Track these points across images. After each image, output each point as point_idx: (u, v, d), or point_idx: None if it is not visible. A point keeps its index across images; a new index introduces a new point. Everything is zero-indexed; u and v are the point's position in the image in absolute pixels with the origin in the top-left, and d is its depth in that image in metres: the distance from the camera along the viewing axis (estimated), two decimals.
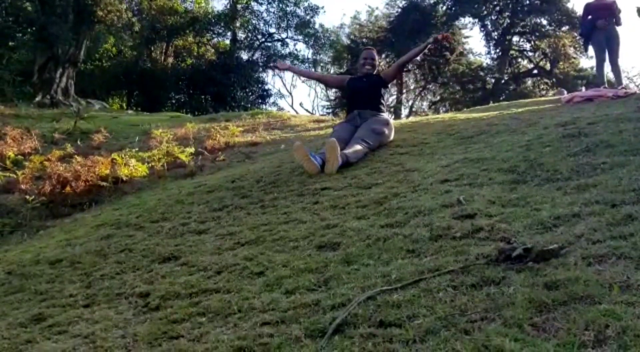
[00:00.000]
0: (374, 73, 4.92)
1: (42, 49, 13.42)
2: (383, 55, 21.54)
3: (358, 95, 4.77)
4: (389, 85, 5.23)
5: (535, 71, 23.37)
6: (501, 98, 18.46)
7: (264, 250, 2.51)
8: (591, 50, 7.55)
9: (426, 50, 4.96)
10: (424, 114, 22.49)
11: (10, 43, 14.73)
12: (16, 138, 7.69)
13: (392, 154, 3.97)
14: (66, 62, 13.86)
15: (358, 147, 4.09)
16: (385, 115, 4.73)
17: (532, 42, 22.77)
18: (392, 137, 4.55)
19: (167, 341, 1.79)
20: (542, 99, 8.79)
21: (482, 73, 23.24)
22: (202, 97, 19.95)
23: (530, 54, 23.42)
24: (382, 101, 4.81)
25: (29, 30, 14.19)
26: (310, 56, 25.20)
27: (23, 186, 5.35)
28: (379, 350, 1.41)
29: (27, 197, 4.95)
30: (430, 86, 25.02)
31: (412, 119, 6.71)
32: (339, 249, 2.25)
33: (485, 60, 23.61)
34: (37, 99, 13.13)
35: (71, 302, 2.43)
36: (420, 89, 25.48)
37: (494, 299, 1.52)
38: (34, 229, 4.39)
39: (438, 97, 25.22)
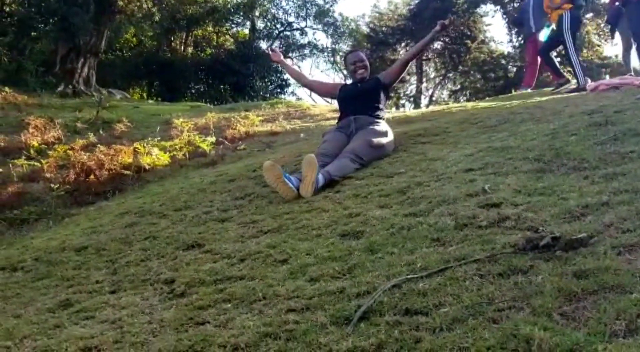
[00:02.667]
0: (369, 77, 4.31)
1: (63, 40, 13.56)
2: (403, 44, 21.41)
3: (352, 100, 4.15)
4: (391, 88, 4.42)
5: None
6: None
7: (287, 238, 2.52)
8: (617, 38, 7.42)
9: (434, 41, 4.49)
10: (444, 103, 22.29)
11: (32, 33, 14.91)
12: (39, 127, 7.80)
13: (414, 143, 3.94)
14: (87, 52, 13.99)
15: (347, 163, 3.49)
16: (385, 124, 4.01)
17: None
18: (392, 148, 3.87)
19: (194, 326, 1.81)
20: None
21: (503, 61, 22.93)
22: (222, 87, 20.01)
23: None
24: (382, 107, 4.16)
25: (50, 20, 14.33)
26: (329, 45, 25.13)
27: (47, 175, 5.44)
28: (406, 337, 1.40)
29: (52, 185, 5.03)
30: (451, 75, 24.78)
31: (432, 108, 6.64)
32: (362, 237, 2.25)
33: (507, 49, 23.28)
34: (60, 89, 13.29)
35: (97, 288, 2.47)
36: (441, 77, 25.26)
37: (522, 288, 1.51)
38: (59, 216, 4.46)
39: (458, 86, 24.96)
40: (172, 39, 21.00)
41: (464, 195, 2.38)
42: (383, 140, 3.79)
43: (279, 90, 21.57)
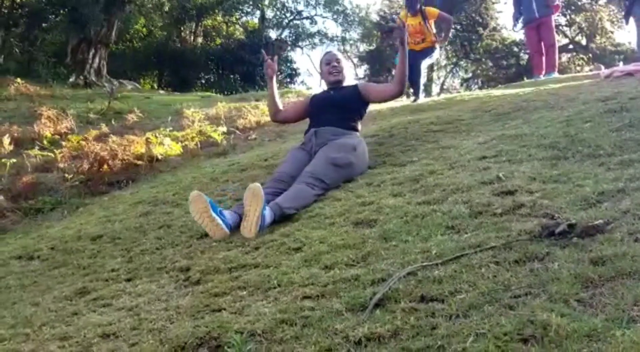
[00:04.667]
0: (346, 83, 3.66)
1: (74, 30, 13.59)
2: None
3: (321, 110, 3.49)
4: (367, 105, 3.63)
5: (570, 46, 22.72)
6: None
7: (300, 227, 2.53)
8: (632, 24, 7.30)
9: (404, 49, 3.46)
10: (455, 91, 22.15)
11: (43, 25, 14.98)
12: (52, 118, 7.84)
13: (426, 132, 3.92)
14: (98, 43, 14.02)
15: (303, 190, 2.89)
16: (356, 136, 3.37)
17: (568, 16, 22.08)
18: (365, 166, 3.25)
19: (210, 313, 1.82)
20: (580, 74, 8.55)
21: (515, 49, 22.68)
22: (231, 76, 19.99)
23: (565, 28, 22.72)
24: (355, 118, 3.48)
25: (61, 11, 14.37)
26: (339, 34, 25.01)
27: (61, 165, 5.48)
28: (422, 324, 1.41)
29: (66, 175, 5.08)
30: (462, 63, 24.59)
31: (444, 96, 6.60)
32: (375, 225, 2.26)
33: (519, 36, 23.04)
34: (71, 79, 13.35)
35: (113, 276, 2.50)
36: (452, 65, 25.06)
37: (538, 275, 1.51)
38: (73, 206, 4.50)
39: (470, 74, 24.78)
40: (182, 29, 20.99)
41: (478, 183, 2.38)
42: (350, 156, 3.13)
43: (288, 79, 21.53)
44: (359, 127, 3.53)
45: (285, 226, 2.62)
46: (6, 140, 6.44)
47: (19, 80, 10.88)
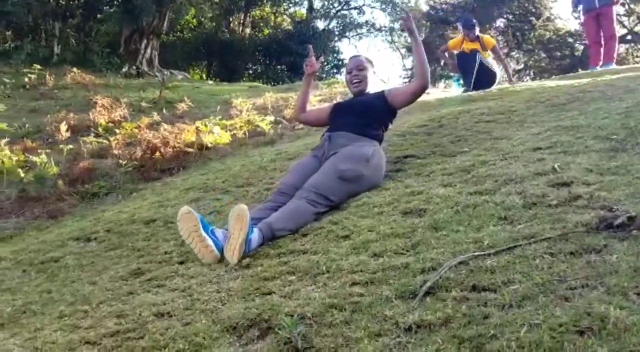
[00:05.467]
0: (372, 91, 3.31)
1: (127, 21, 13.95)
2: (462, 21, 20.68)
3: (341, 116, 3.18)
4: (393, 113, 3.25)
5: (629, 37, 21.77)
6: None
7: (348, 215, 2.54)
8: None
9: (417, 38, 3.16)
10: (506, 82, 21.58)
11: (98, 16, 15.43)
12: (106, 107, 8.10)
13: (477, 122, 3.84)
14: (150, 33, 14.35)
15: (302, 207, 2.57)
16: (372, 145, 2.98)
17: (626, 6, 21.15)
18: (379, 178, 2.89)
19: (260, 296, 1.86)
20: (639, 65, 8.20)
21: (570, 39, 21.91)
22: (278, 67, 20.12)
23: (623, 18, 21.79)
24: (376, 126, 3.11)
25: (115, 3, 14.76)
26: (387, 24, 24.76)
27: (115, 152, 5.66)
28: (473, 313, 1.40)
29: (120, 161, 5.25)
30: (514, 54, 23.94)
31: (496, 86, 6.46)
32: (425, 215, 2.24)
33: (574, 26, 22.24)
34: (124, 69, 13.72)
35: (167, 258, 2.57)
36: (503, 56, 24.43)
37: (595, 267, 1.47)
38: (127, 191, 4.65)
39: (522, 65, 24.11)
40: (231, 20, 21.24)
41: (532, 174, 2.32)
42: (361, 168, 2.78)
43: (335, 70, 21.48)
44: (381, 135, 3.15)
45: (332, 214, 2.63)
46: (63, 127, 6.71)
47: (75, 69, 11.27)
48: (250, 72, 20.82)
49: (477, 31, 6.99)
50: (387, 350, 1.34)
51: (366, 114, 3.11)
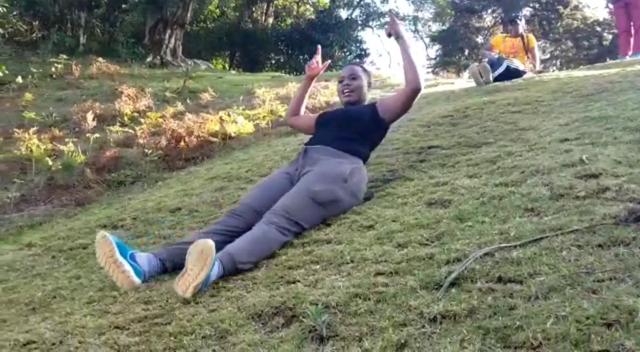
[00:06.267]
0: (364, 103, 3.03)
1: (152, 12, 14.03)
2: (489, 11, 20.37)
3: (326, 126, 2.91)
4: (383, 129, 2.94)
5: None
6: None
7: (371, 205, 2.54)
8: None
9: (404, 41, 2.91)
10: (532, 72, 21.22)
11: (123, 6, 15.55)
12: (131, 96, 8.19)
13: (502, 113, 3.80)
14: (174, 24, 14.42)
15: (270, 233, 2.25)
16: (353, 162, 2.64)
17: None
18: (357, 200, 2.57)
19: (285, 284, 1.88)
20: None
21: (598, 28, 21.44)
22: (301, 57, 20.07)
23: None
24: (362, 141, 2.79)
25: None
26: (411, 13, 24.51)
27: (141, 141, 5.74)
28: (499, 304, 1.39)
29: (145, 150, 5.33)
30: (540, 43, 23.53)
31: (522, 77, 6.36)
32: (450, 206, 2.23)
33: (602, 15, 21.73)
34: (148, 59, 13.82)
35: None
36: (538, 56, 24.00)
37: (623, 260, 1.45)
38: (152, 180, 4.72)
39: (548, 55, 23.69)
40: (254, 9, 21.24)
41: (559, 165, 2.29)
42: (337, 190, 2.46)
43: (358, 60, 21.36)
44: (366, 153, 2.82)
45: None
46: (90, 116, 6.80)
47: (100, 59, 11.39)
48: (273, 62, 20.82)
49: (520, 27, 6.95)
50: (411, 340, 1.35)
51: (351, 127, 2.79)
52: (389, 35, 2.93)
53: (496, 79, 6.15)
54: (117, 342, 1.66)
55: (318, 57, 3.19)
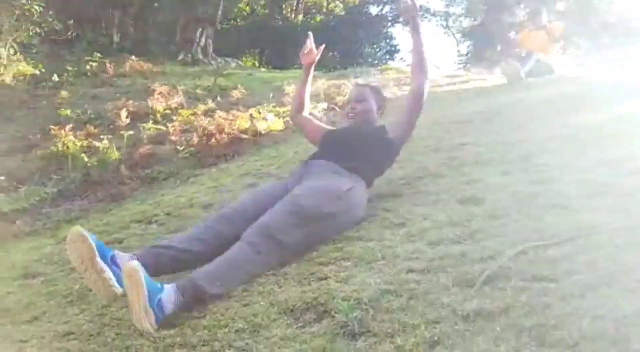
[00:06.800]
0: (374, 124, 2.76)
1: (183, 10, 14.20)
2: (522, 5, 19.96)
3: (331, 145, 2.68)
4: (394, 153, 2.71)
5: None
6: None
7: (402, 203, 2.53)
8: None
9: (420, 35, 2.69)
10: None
11: (155, 5, 15.78)
12: (164, 94, 8.29)
13: (537, 109, 3.74)
14: (205, 22, 14.58)
15: (243, 255, 1.99)
16: (354, 181, 2.40)
17: None
18: (353, 222, 2.32)
19: (316, 280, 1.89)
20: None
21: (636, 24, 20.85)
22: (330, 54, 20.06)
23: None
24: (369, 166, 2.54)
25: None
26: (442, 9, 24.24)
27: (173, 138, 5.81)
28: (533, 303, 1.38)
29: (178, 147, 5.40)
30: (575, 38, 23.01)
31: (557, 73, 6.24)
32: (483, 203, 2.21)
33: None
34: (180, 57, 13.99)
35: None
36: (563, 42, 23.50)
37: None
38: (185, 176, 4.78)
39: (582, 51, 23.14)
40: (283, 6, 21.31)
41: (596, 162, 2.25)
42: (328, 205, 2.22)
43: (388, 56, 21.24)
44: (370, 177, 2.58)
45: (386, 201, 2.62)
46: (123, 113, 6.92)
47: (133, 57, 11.58)
48: None
49: (544, 18, 6.82)
50: (444, 337, 1.35)
51: (358, 148, 2.55)
52: (407, 22, 2.72)
53: (528, 75, 6.06)
54: (152, 334, 1.70)
55: (309, 42, 3.02)
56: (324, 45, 3.10)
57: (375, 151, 2.58)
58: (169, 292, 1.78)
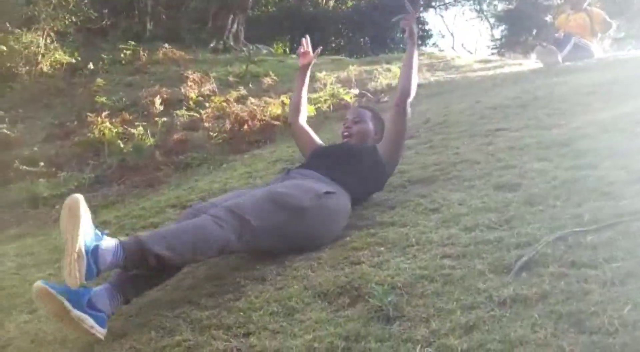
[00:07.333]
0: (364, 144, 2.59)
1: None
2: None
3: (316, 157, 2.57)
4: (385, 175, 2.57)
5: None
6: None
7: (437, 188, 2.51)
8: None
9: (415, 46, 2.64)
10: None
11: None
12: (196, 81, 8.36)
13: (575, 94, 3.65)
14: (236, 9, 14.61)
15: (202, 224, 1.84)
16: (337, 190, 2.24)
17: None
18: (330, 232, 2.17)
19: (349, 265, 1.89)
20: None
21: None
22: (361, 39, 19.89)
23: None
24: (356, 181, 2.38)
25: None
26: None
27: (206, 124, 5.88)
28: (572, 289, 1.36)
29: (211, 134, 5.46)
30: (614, 21, 22.30)
31: (596, 57, 6.07)
32: (519, 190, 2.18)
33: None
34: (212, 44, 14.08)
35: None
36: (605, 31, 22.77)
37: None
38: (218, 162, 4.84)
39: (623, 34, 22.42)
40: None
41: (637, 147, 2.19)
42: (305, 199, 2.07)
43: (419, 42, 20.95)
44: (358, 193, 2.43)
45: (420, 187, 2.61)
46: (157, 101, 7.02)
47: (166, 45, 11.70)
48: (333, 45, 20.73)
49: (584, 1, 6.62)
50: (480, 322, 1.34)
51: (346, 164, 2.42)
52: (403, 31, 2.63)
53: (565, 60, 5.90)
54: (189, 315, 1.74)
55: (305, 43, 2.98)
56: (320, 48, 3.08)
57: (364, 169, 2.45)
58: (109, 244, 1.61)
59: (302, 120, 2.87)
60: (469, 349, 1.24)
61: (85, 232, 1.55)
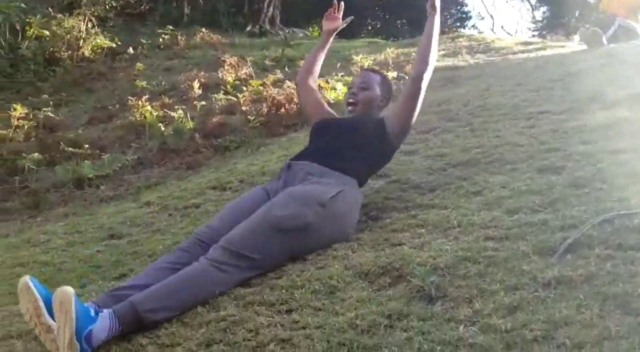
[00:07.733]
0: (373, 117, 2.45)
1: None
2: None
3: (321, 135, 2.44)
4: (391, 148, 2.44)
5: None
6: None
7: (478, 171, 2.50)
8: None
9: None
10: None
11: None
12: (233, 65, 8.42)
13: (620, 77, 3.54)
14: None
15: (203, 272, 1.77)
16: (343, 183, 2.14)
17: None
18: (342, 231, 2.07)
19: (390, 246, 1.91)
20: None
21: None
22: (398, 21, 19.65)
23: None
24: (360, 160, 2.29)
25: None
26: None
27: (243, 108, 5.93)
28: (619, 271, 1.35)
29: (248, 117, 5.51)
30: None
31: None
32: (563, 172, 2.15)
33: None
34: (248, 28, 14.14)
35: None
36: None
37: None
38: (255, 145, 4.89)
39: None
40: None
41: None
42: (309, 214, 1.96)
43: (458, 24, 20.56)
44: (363, 174, 2.33)
45: (462, 170, 2.59)
46: (196, 85, 7.11)
47: (203, 29, 11.80)
48: (370, 28, 20.54)
49: None
50: (524, 303, 1.34)
51: (349, 140, 2.31)
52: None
53: (610, 41, 5.72)
54: (233, 292, 1.78)
55: (336, 6, 2.85)
56: (352, 17, 2.92)
57: (370, 148, 2.33)
58: (103, 322, 1.58)
59: (312, 82, 2.74)
60: (513, 328, 1.25)
61: (78, 320, 1.52)
